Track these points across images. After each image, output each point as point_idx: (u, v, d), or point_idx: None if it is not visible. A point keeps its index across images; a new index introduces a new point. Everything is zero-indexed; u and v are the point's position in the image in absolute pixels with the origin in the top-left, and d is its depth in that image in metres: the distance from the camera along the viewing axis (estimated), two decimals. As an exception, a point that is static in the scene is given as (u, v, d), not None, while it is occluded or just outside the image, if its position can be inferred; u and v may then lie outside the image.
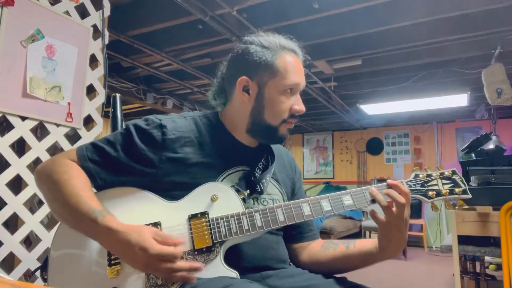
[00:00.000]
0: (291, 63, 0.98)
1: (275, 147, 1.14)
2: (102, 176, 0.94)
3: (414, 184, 0.99)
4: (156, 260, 0.80)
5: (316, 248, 1.09)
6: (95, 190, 0.95)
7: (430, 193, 0.98)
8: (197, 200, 0.93)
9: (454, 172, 1.01)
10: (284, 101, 0.98)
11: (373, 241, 0.99)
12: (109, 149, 0.94)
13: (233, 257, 0.92)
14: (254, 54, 0.98)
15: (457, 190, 0.98)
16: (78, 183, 0.88)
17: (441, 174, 1.00)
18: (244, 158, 1.03)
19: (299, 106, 1.00)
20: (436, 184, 0.99)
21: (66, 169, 0.90)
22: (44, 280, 0.93)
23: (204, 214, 0.91)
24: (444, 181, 1.00)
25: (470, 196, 0.98)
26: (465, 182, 1.00)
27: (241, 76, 0.99)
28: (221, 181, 0.97)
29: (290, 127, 1.02)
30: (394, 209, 0.90)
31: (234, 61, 1.03)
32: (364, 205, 0.94)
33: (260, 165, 1.03)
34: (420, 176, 1.00)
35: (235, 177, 1.00)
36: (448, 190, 0.98)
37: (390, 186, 0.94)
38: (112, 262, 0.88)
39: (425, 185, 0.99)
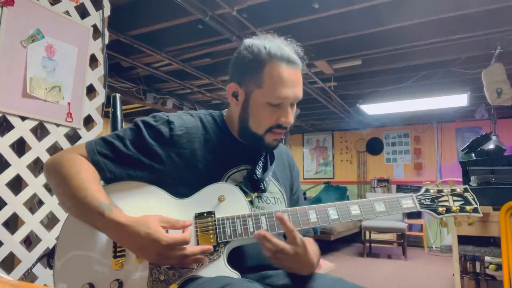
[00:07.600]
0: (280, 76, 0.93)
1: None
2: (111, 169, 0.94)
3: (424, 199, 0.98)
4: (168, 249, 0.81)
5: None
6: (103, 183, 0.95)
7: (440, 209, 0.97)
8: (204, 199, 0.93)
9: (466, 190, 1.00)
10: (269, 112, 0.96)
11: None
12: (118, 143, 0.95)
13: (234, 255, 0.93)
14: (245, 60, 0.97)
15: (468, 208, 0.97)
16: (87, 176, 0.89)
17: (453, 190, 1.00)
18: (246, 157, 1.04)
19: (286, 118, 0.96)
20: (447, 201, 0.98)
21: (74, 163, 0.91)
22: (50, 267, 0.93)
23: (210, 213, 0.92)
24: (455, 198, 0.99)
25: (481, 215, 0.97)
26: (476, 201, 0.98)
27: (232, 82, 1.00)
28: (226, 179, 0.98)
29: (277, 138, 1.00)
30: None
31: (231, 64, 1.04)
32: (372, 216, 0.94)
33: (260, 163, 1.04)
34: (431, 191, 0.99)
35: (238, 175, 1.01)
36: (458, 207, 0.97)
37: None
38: (117, 254, 0.89)
39: (436, 200, 0.98)
